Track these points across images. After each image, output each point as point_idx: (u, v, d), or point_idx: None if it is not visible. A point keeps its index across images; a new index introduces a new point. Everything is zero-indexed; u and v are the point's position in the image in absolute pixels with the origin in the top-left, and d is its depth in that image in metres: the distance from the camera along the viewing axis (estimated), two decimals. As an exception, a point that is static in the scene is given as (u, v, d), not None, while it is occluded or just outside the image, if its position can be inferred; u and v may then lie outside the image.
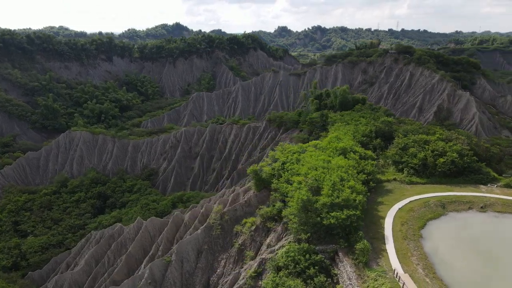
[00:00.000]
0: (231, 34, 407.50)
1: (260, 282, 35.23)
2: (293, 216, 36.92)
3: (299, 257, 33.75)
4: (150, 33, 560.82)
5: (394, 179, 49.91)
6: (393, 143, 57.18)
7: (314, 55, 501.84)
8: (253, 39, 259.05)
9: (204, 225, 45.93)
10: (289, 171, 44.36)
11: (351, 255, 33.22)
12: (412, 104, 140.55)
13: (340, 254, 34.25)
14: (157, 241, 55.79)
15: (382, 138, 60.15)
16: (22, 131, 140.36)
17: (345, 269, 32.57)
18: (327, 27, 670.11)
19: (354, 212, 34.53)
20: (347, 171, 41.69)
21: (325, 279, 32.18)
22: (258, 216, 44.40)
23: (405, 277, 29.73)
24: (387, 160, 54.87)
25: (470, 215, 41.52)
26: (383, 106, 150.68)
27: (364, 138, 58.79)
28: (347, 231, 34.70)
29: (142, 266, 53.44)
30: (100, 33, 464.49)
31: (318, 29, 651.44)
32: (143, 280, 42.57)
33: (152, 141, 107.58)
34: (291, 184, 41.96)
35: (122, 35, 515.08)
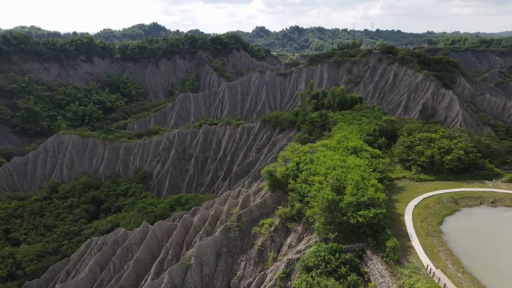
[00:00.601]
0: (209, 34, 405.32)
1: (289, 283, 35.29)
2: (318, 216, 37.18)
3: (329, 256, 34.05)
4: (127, 33, 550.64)
5: (404, 177, 51.06)
6: (397, 142, 58.45)
7: (293, 55, 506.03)
8: (236, 39, 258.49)
9: (222, 227, 45.58)
10: (305, 171, 44.62)
11: (380, 252, 33.79)
12: (398, 102, 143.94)
13: (368, 252, 34.77)
14: (166, 245, 54.95)
15: (386, 136, 61.32)
16: (2, 135, 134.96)
17: (376, 267, 33.10)
18: (305, 27, 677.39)
19: (381, 211, 35.16)
20: (365, 170, 42.37)
21: (357, 277, 32.64)
22: (277, 216, 44.47)
23: (438, 273, 30.50)
24: (393, 158, 56.04)
25: (483, 210, 42.98)
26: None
27: (369, 137, 59.82)
28: (374, 229, 35.27)
29: (152, 271, 52.52)
30: (74, 33, 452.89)
31: (296, 29, 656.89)
32: (162, 285, 41.83)
33: (144, 143, 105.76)
34: (310, 185, 42.32)
35: (98, 35, 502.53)
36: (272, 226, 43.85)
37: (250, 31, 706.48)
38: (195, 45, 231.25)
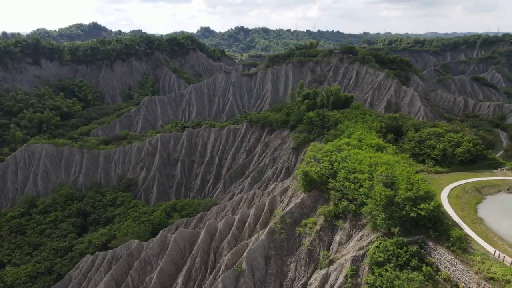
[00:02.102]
0: (152, 35, 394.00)
1: (359, 279, 36.19)
2: (377, 212, 38.44)
3: (398, 250, 35.45)
4: (64, 34, 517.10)
5: (422, 170, 54.23)
6: (405, 137, 61.82)
7: (241, 55, 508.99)
8: (192, 40, 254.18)
9: (267, 230, 45.26)
10: (343, 170, 45.76)
11: (444, 242, 35.84)
12: (363, 100, 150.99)
13: (430, 243, 36.70)
14: (192, 254, 53.39)
15: (391, 133, 64.50)
16: None
17: (443, 257, 35.04)
18: (250, 27, 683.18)
19: (439, 203, 37.32)
20: (405, 165, 44.52)
21: (429, 268, 34.39)
22: (321, 215, 45.13)
23: (507, 258, 33.12)
24: (404, 153, 59.19)
25: (503, 196, 47.09)
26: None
27: (378, 134, 62.52)
28: (433, 221, 37.30)
29: (179, 281, 51.01)
30: (4, 33, 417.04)
31: (241, 30, 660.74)
32: (217, 294, 40.72)
33: (125, 150, 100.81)
34: (353, 182, 43.59)
35: (31, 36, 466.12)
36: (317, 226, 44.46)
37: (194, 31, 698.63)
38: (151, 46, 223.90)
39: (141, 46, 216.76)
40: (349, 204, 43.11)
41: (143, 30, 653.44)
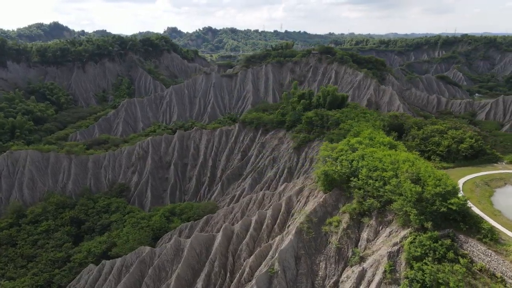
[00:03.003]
0: (118, 35, 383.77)
1: (397, 274, 37.21)
2: (409, 208, 39.64)
3: (434, 244, 36.79)
4: (23, 34, 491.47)
5: (430, 166, 56.46)
6: (408, 135, 64.07)
7: (211, 56, 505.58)
8: (166, 40, 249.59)
9: (294, 230, 45.47)
10: (365, 168, 46.84)
11: (475, 235, 37.56)
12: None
13: (460, 236, 38.34)
14: (210, 257, 52.80)
15: (394, 131, 66.63)
16: None
17: (476, 248, 36.72)
18: (218, 28, 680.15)
19: (467, 197, 39.07)
20: (425, 162, 46.21)
21: (465, 260, 35.92)
22: (345, 213, 45.96)
23: (538, 246, 35.23)
24: (414, 151, 61.34)
25: (511, 189, 49.98)
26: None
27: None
28: (462, 215, 38.99)
29: (199, 286, 50.38)
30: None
31: (209, 30, 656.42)
32: (252, 297, 40.50)
33: (114, 154, 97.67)
34: (375, 180, 44.74)
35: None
36: (342, 224, 45.25)
37: (161, 31, 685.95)
38: (125, 46, 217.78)
39: (114, 47, 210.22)
40: (374, 202, 44.20)
41: (108, 31, 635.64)
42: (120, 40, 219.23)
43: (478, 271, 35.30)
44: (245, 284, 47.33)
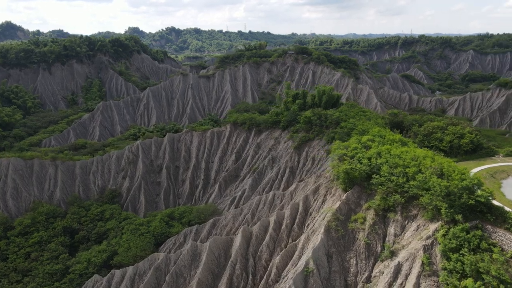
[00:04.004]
0: (76, 35, 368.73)
1: (434, 266, 38.59)
2: (439, 202, 41.22)
3: (467, 236, 38.52)
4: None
5: (436, 162, 58.96)
6: (409, 132, 66.51)
7: (176, 57, 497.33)
8: (136, 41, 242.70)
9: (323, 228, 45.88)
10: (385, 165, 48.18)
11: (502, 225, 39.69)
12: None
13: (488, 226, 40.39)
14: (231, 260, 52.26)
15: (394, 128, 68.95)
16: None
17: (505, 237, 38.79)
18: (181, 28, 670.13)
19: (492, 190, 41.22)
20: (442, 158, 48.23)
21: (497, 249, 37.91)
22: (370, 210, 47.02)
23: None
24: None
25: (513, 180, 53.30)
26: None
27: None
28: (487, 206, 41.10)
29: (222, 289, 49.72)
30: None
31: (173, 30, 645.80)
32: (290, 297, 40.45)
33: (102, 159, 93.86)
34: (398, 176, 46.19)
35: None
36: (368, 220, 46.29)
37: (121, 32, 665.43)
38: (93, 47, 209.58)
39: (82, 48, 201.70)
40: (399, 197, 45.58)
41: (65, 30, 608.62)
42: (88, 41, 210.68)
43: (510, 259, 37.40)
44: (273, 285, 47.30)
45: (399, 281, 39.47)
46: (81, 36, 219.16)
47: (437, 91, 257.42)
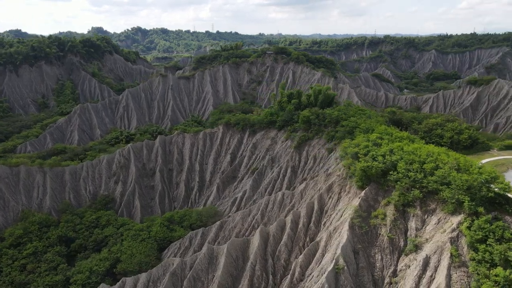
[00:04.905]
0: (35, 35, 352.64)
1: (462, 258, 40.17)
2: (461, 195, 42.95)
3: (492, 227, 40.40)
4: None
5: (439, 157, 61.35)
6: (410, 129, 68.78)
7: (144, 57, 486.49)
8: (107, 41, 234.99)
9: (346, 226, 46.58)
10: (402, 161, 49.64)
11: (520, 215, 42.07)
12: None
13: (507, 217, 42.58)
14: (250, 261, 52.05)
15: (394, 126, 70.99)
16: None
17: (524, 226, 41.17)
18: (147, 28, 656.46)
19: (509, 182, 43.47)
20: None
21: (520, 237, 40.02)
22: (389, 205, 48.25)
23: None
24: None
25: (515, 173, 56.45)
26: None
27: (386, 128, 68.27)
28: (505, 198, 43.32)
29: (242, 292, 49.48)
30: None
31: (139, 31, 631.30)
32: (325, 295, 40.75)
33: (92, 164, 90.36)
34: (416, 172, 47.76)
35: None
36: (389, 215, 47.52)
37: (84, 31, 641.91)
38: (64, 48, 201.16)
39: (52, 48, 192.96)
40: (417, 192, 47.11)
41: (23, 30, 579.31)
42: (58, 41, 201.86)
43: (532, 247, 39.65)
44: (297, 284, 47.53)
45: (428, 273, 40.81)
46: (50, 36, 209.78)
47: (405, 90, 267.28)
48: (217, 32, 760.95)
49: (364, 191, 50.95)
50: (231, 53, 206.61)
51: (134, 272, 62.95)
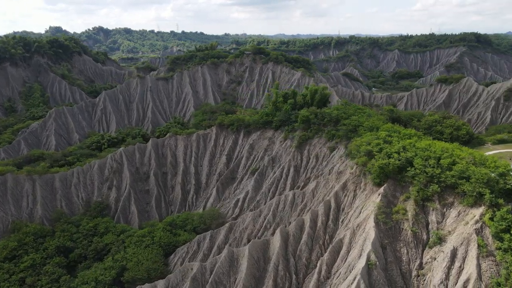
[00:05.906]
0: (19, 35, 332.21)
1: (489, 247, 42.20)
2: (482, 189, 45.10)
3: (512, 216, 42.84)
4: None
5: (442, 152, 63.99)
6: (410, 126, 71.24)
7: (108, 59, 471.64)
8: (76, 42, 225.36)
9: (372, 221, 47.61)
10: (418, 157, 51.45)
11: (535, 205, 44.77)
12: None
13: (522, 207, 45.29)
14: (273, 262, 52.11)
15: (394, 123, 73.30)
16: None
17: (541, 216, 43.80)
18: (110, 28, 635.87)
19: (521, 174, 46.25)
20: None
21: (538, 225, 42.61)
22: (409, 200, 49.84)
23: None
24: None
25: (513, 165, 59.82)
26: (256, 102, 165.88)
27: (387, 126, 70.37)
28: (520, 189, 46.04)
29: (268, 292, 49.54)
30: None
31: (101, 30, 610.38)
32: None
33: (83, 170, 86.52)
34: (433, 167, 49.71)
35: None
36: (410, 210, 49.10)
37: (41, 31, 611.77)
38: (30, 49, 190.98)
39: (17, 49, 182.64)
40: (436, 187, 49.02)
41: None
42: (23, 42, 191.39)
43: (549, 234, 42.39)
44: (325, 281, 48.08)
45: (457, 264, 42.58)
46: (14, 36, 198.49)
47: (373, 88, 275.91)
48: (183, 32, 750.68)
49: (383, 187, 52.30)
50: (207, 53, 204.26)
51: (143, 280, 61.16)
